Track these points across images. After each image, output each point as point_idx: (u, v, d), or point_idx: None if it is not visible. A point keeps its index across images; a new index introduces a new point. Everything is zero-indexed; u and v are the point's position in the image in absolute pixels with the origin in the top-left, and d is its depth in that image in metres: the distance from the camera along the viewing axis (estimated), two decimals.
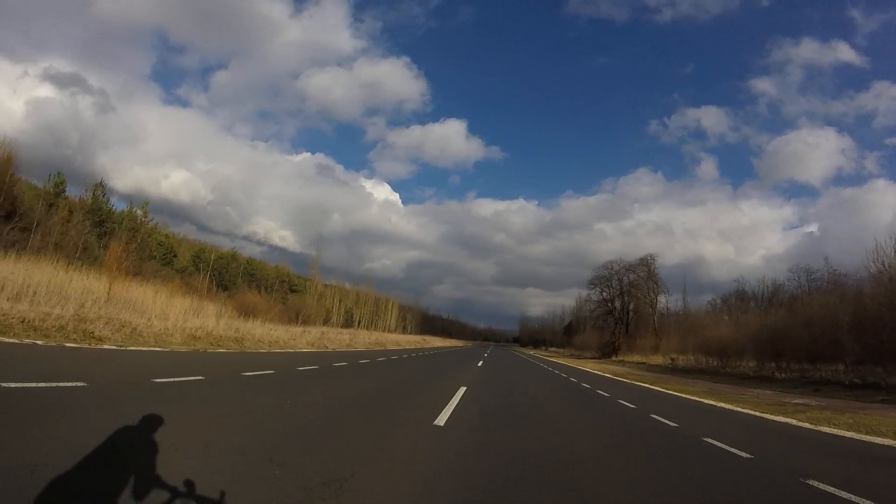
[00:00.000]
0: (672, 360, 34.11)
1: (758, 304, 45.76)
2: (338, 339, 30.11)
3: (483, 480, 3.92)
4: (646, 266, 55.04)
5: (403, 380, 12.81)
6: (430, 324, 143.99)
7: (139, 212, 41.46)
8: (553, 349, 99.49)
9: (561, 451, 5.61)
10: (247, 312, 32.01)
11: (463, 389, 10.85)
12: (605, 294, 58.55)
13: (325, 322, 69.83)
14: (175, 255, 44.46)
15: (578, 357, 57.45)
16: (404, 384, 11.76)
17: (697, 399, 14.12)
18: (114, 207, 40.11)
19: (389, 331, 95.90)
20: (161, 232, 48.14)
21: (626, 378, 23.29)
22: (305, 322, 45.73)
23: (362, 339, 32.62)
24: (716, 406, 12.56)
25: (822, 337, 22.70)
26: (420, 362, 21.13)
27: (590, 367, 34.35)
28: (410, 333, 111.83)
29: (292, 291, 62.92)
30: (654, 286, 54.11)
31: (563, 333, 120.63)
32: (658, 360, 38.07)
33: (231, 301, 35.02)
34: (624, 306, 54.88)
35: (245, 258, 62.81)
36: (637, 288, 55.15)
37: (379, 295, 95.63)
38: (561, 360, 46.72)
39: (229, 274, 49.09)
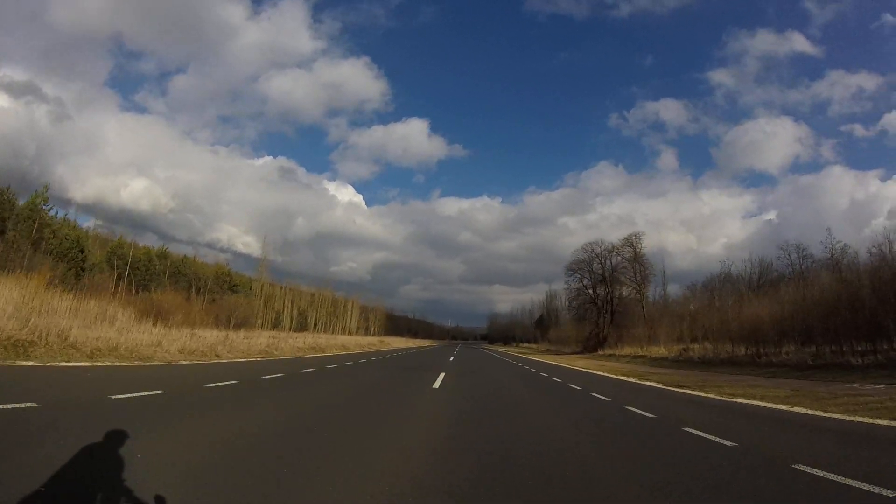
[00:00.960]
0: (684, 350, 28.83)
1: (747, 285, 41.76)
2: (249, 344, 22.73)
3: None
4: (631, 247, 50.15)
5: (281, 432, 6.05)
6: (395, 324, 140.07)
7: (40, 201, 33.08)
8: (525, 345, 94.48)
9: None
10: (154, 315, 24.74)
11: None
12: (585, 281, 53.39)
13: (276, 326, 62.02)
14: (82, 251, 35.73)
15: (557, 353, 52.09)
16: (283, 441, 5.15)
17: (839, 417, 8.20)
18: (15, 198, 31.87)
19: (350, 333, 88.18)
20: (70, 225, 39.46)
21: (642, 379, 17.52)
22: (241, 325, 38.16)
23: (292, 343, 25.63)
24: None
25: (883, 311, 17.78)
26: (349, 379, 14.44)
27: (579, 364, 28.69)
28: (374, 335, 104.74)
29: (233, 292, 54.61)
30: (642, 269, 49.27)
31: (535, 328, 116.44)
32: (660, 351, 32.83)
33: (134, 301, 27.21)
34: (608, 293, 49.98)
35: (180, 256, 54.02)
36: (622, 272, 50.47)
37: (338, 296, 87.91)
38: (539, 358, 41.08)
39: (152, 273, 40.64)
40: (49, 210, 34.36)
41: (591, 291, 51.89)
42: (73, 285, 26.58)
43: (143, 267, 38.07)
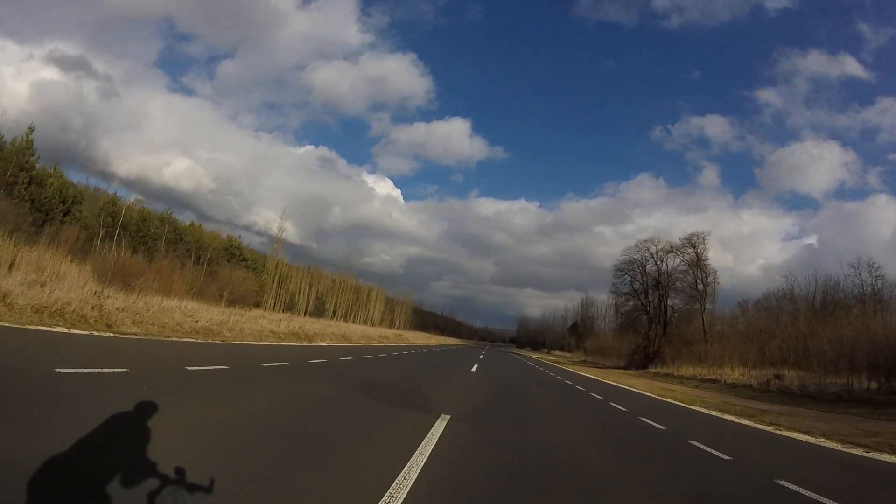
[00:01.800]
0: (775, 377, 21.87)
1: (809, 305, 34.09)
2: (242, 326, 17.82)
3: None
4: (692, 248, 41.98)
5: None
6: (422, 319, 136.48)
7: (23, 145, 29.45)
8: (557, 352, 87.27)
9: None
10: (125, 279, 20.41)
11: None
12: (636, 284, 45.54)
13: (289, 308, 57.86)
14: (64, 202, 31.66)
15: (597, 365, 45.17)
16: None
17: None
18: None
19: (372, 324, 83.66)
20: (61, 176, 35.55)
21: (769, 424, 11.30)
22: (236, 302, 33.53)
23: (265, 326, 20.41)
24: None
25: None
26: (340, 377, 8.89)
27: (640, 386, 22.63)
28: (399, 328, 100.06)
29: (245, 268, 50.48)
30: (703, 276, 41.25)
31: (569, 335, 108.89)
32: (734, 375, 25.81)
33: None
34: (661, 301, 42.99)
35: (186, 224, 50.32)
36: (680, 277, 42.74)
37: (361, 283, 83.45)
38: (581, 370, 34.66)
39: (146, 235, 36.51)
40: (35, 159, 30.64)
41: (641, 298, 45.03)
42: (30, 235, 22.38)
43: (133, 227, 33.96)
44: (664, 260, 43.94)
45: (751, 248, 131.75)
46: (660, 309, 43.11)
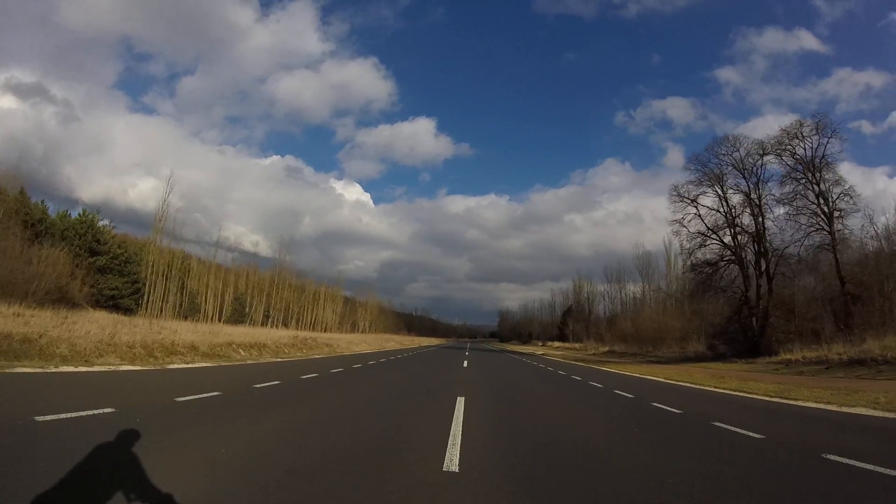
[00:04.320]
0: None
1: None
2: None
3: None
4: (800, 140, 24.92)
5: None
6: (393, 321, 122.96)
7: None
8: (556, 344, 71.35)
9: None
10: None
11: None
12: (710, 218, 27.64)
13: (189, 314, 40.10)
14: None
15: (658, 361, 28.83)
16: None
17: None
18: None
19: (325, 329, 65.95)
20: None
21: None
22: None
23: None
24: None
25: None
26: None
27: None
28: (364, 332, 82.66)
29: (95, 254, 32.46)
30: (825, 188, 24.06)
31: (562, 323, 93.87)
32: None
33: None
34: (760, 239, 25.80)
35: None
36: (785, 199, 25.18)
37: (305, 281, 65.23)
38: (684, 378, 18.58)
39: None
40: None
41: (727, 237, 27.07)
42: None
43: None
44: (758, 167, 26.78)
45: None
46: (760, 252, 25.70)
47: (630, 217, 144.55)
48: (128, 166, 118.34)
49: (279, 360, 15.68)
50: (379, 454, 4.26)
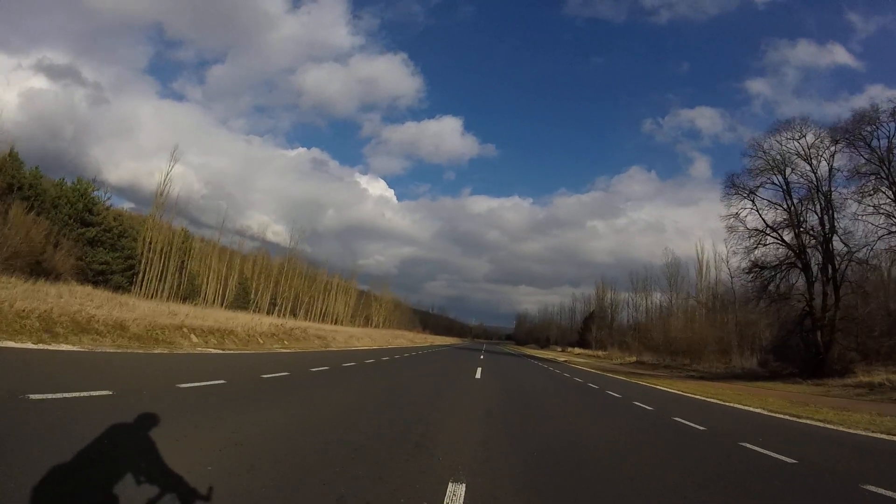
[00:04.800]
0: None
1: None
2: None
3: None
4: (871, 126, 21.03)
5: None
6: (408, 318, 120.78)
7: None
8: (577, 350, 67.50)
9: None
10: None
11: None
12: (768, 214, 23.91)
13: (188, 296, 37.97)
14: None
15: (701, 377, 25.02)
16: None
17: None
18: None
19: (336, 321, 63.43)
20: None
21: None
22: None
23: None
24: None
25: None
26: None
27: None
28: (377, 327, 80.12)
29: (87, 225, 30.43)
30: None
31: (583, 329, 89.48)
32: None
33: None
34: (826, 240, 21.72)
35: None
36: (857, 197, 21.33)
37: (317, 270, 62.83)
38: (714, 394, 15.17)
39: None
40: None
41: (790, 235, 23.04)
42: None
43: None
44: (827, 157, 22.64)
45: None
46: (827, 254, 21.57)
47: (652, 226, 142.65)
48: (155, 150, 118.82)
49: (234, 351, 12.68)
50: None
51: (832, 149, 22.43)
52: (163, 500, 2.54)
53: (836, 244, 22.13)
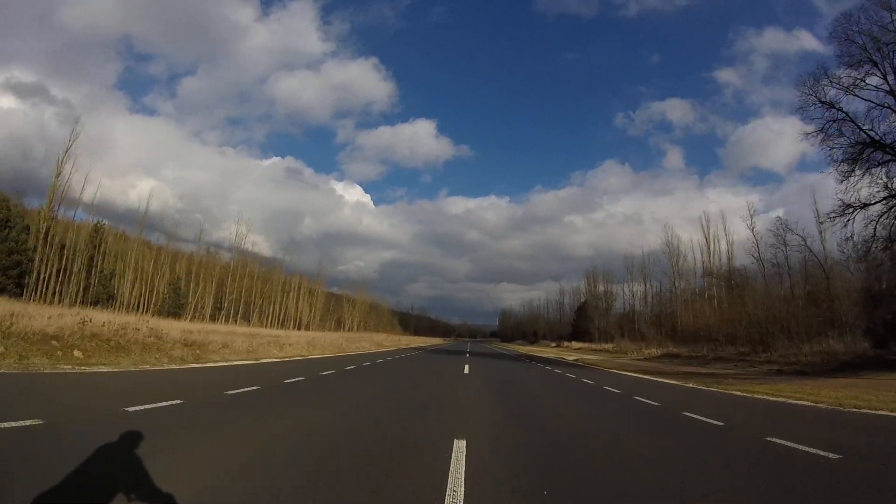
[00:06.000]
0: None
1: None
2: None
3: None
4: None
5: None
6: (386, 319, 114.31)
7: None
8: (577, 345, 60.89)
9: None
10: None
11: None
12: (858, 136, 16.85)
13: (98, 301, 29.82)
14: None
15: (758, 368, 17.98)
16: None
17: None
18: None
19: (300, 326, 55.19)
20: None
21: None
22: None
23: None
24: None
25: None
26: None
27: None
28: (351, 331, 72.20)
29: None
30: None
31: (575, 321, 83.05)
32: None
33: None
34: None
35: None
36: None
37: (272, 270, 54.33)
38: None
39: None
40: None
41: None
42: None
43: None
44: None
45: (720, 226, 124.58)
46: None
47: (630, 218, 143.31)
48: (128, 167, 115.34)
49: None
50: None
51: None
52: None
53: None
